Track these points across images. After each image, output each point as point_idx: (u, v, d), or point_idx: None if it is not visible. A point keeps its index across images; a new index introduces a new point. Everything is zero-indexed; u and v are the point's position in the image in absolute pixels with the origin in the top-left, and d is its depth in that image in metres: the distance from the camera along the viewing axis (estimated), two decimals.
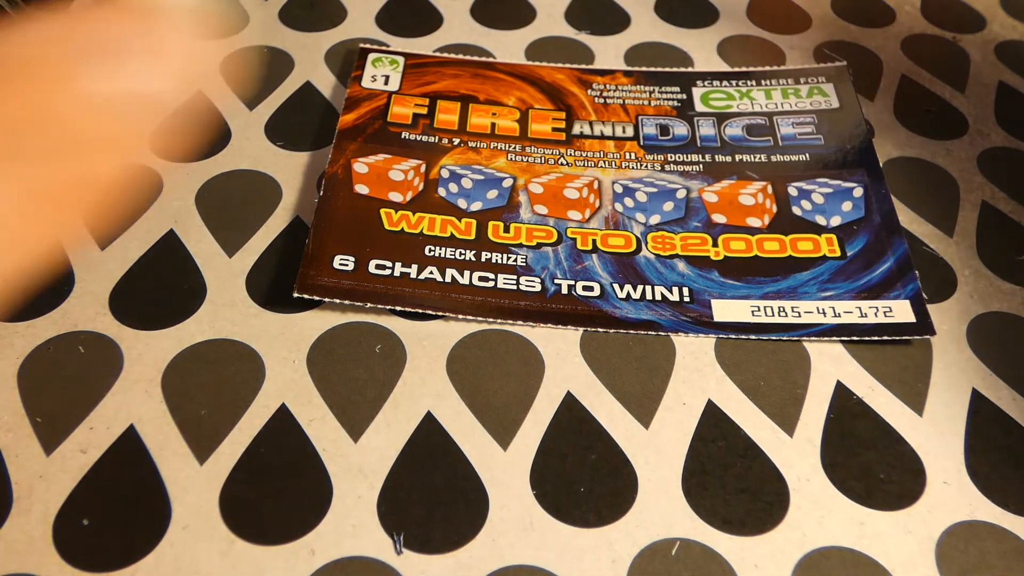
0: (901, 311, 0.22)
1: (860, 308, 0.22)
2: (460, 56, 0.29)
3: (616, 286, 0.23)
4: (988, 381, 0.22)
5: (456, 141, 0.26)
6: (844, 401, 0.21)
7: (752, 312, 0.22)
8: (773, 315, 0.22)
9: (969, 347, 0.22)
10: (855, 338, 0.22)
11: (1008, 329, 0.23)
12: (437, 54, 0.29)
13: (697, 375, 0.22)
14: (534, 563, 0.18)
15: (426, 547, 0.18)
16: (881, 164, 0.26)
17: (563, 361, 0.22)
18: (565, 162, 0.26)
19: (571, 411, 0.21)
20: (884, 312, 0.22)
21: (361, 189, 0.25)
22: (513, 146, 0.26)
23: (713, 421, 0.21)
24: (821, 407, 0.21)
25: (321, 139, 0.27)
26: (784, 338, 0.22)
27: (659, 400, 0.21)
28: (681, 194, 0.25)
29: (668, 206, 0.25)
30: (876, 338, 0.22)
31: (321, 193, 0.24)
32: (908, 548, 0.19)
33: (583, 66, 0.29)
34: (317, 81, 0.28)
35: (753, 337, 0.22)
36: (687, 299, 0.23)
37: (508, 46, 0.30)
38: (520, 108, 0.28)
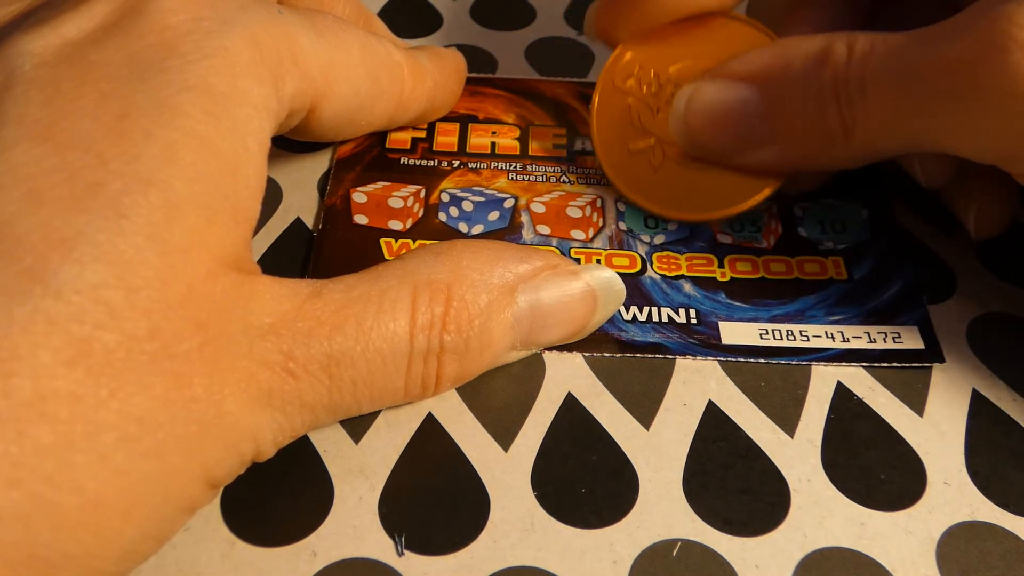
0: (910, 337, 0.22)
1: (869, 333, 0.22)
2: None
3: (622, 308, 0.22)
4: (988, 381, 0.22)
5: (456, 163, 0.26)
6: (845, 401, 0.21)
7: (760, 335, 0.22)
8: (782, 338, 0.22)
9: (969, 347, 0.22)
10: (864, 364, 0.22)
11: (1008, 329, 0.23)
12: None
13: (697, 376, 0.22)
14: (535, 564, 0.18)
15: (427, 548, 0.18)
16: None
17: (564, 362, 0.22)
18: (567, 180, 0.26)
19: (572, 412, 0.21)
20: (893, 338, 0.22)
21: (360, 219, 0.24)
22: (514, 165, 0.26)
23: (714, 422, 0.21)
24: (822, 408, 0.21)
25: None
26: (794, 362, 0.22)
27: (660, 401, 0.21)
28: None
29: (672, 225, 0.25)
30: (886, 364, 0.22)
31: (320, 226, 0.24)
32: (909, 548, 0.19)
33: (583, 79, 0.29)
34: None
35: (763, 361, 0.22)
36: (694, 321, 0.22)
37: (508, 47, 0.30)
38: (520, 126, 0.27)
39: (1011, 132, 0.18)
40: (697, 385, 0.21)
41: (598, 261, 0.24)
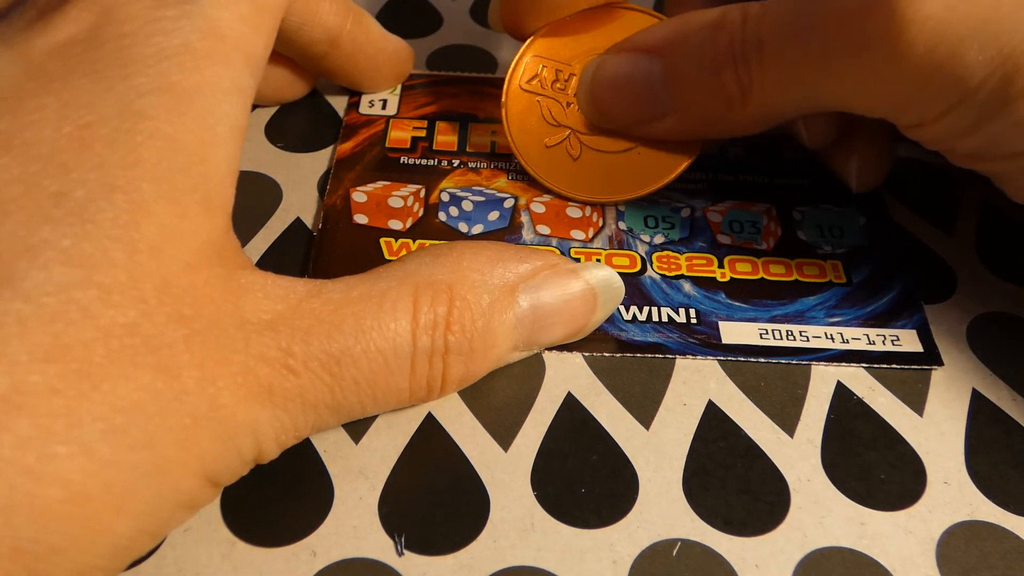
0: (908, 340, 0.22)
1: (868, 335, 0.22)
2: (458, 73, 0.29)
3: (622, 307, 0.22)
4: (988, 381, 0.22)
5: (456, 163, 0.26)
6: (844, 401, 0.21)
7: (760, 335, 0.22)
8: (781, 338, 0.22)
9: (969, 347, 0.22)
10: (864, 365, 0.22)
11: (1008, 329, 0.23)
12: (435, 73, 0.29)
13: (697, 375, 0.22)
14: (535, 564, 0.18)
15: (427, 548, 0.18)
16: None
17: (564, 362, 0.22)
18: None
19: (572, 412, 0.21)
20: (892, 340, 0.22)
21: (360, 219, 0.24)
22: (514, 164, 0.26)
23: (714, 422, 0.21)
24: (822, 407, 0.21)
25: (321, 140, 0.27)
26: (794, 362, 0.22)
27: (660, 401, 0.21)
28: (686, 212, 0.25)
29: (671, 225, 0.25)
30: (885, 366, 0.22)
31: (320, 226, 0.24)
32: (909, 548, 0.19)
33: None
34: (318, 83, 0.28)
35: (763, 360, 0.22)
36: (694, 320, 0.22)
37: (508, 47, 0.30)
38: None
39: (898, 82, 0.19)
40: (697, 385, 0.21)
41: (598, 261, 0.23)
